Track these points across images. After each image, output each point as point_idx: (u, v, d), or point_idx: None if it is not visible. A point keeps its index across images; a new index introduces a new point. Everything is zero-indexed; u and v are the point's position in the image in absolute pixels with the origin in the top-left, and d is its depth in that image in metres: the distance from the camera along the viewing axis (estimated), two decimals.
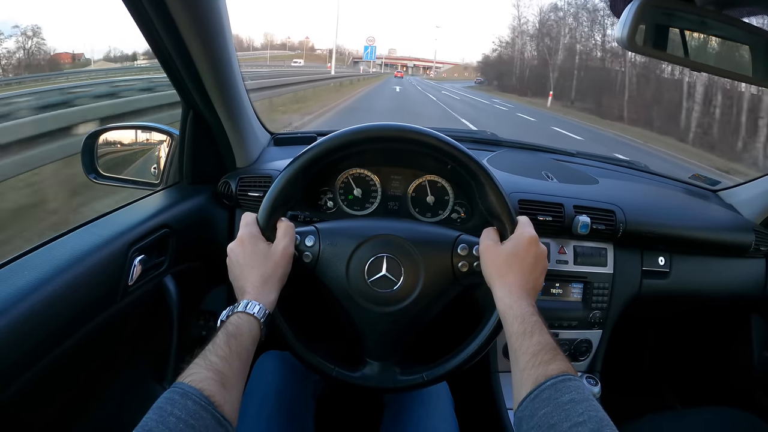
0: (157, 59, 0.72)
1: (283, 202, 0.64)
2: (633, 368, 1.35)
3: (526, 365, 0.49)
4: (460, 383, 0.84)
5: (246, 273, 0.59)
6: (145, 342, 0.80)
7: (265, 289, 0.58)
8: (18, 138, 3.45)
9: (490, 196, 0.64)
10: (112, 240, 0.71)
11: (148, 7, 0.60)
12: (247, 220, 0.64)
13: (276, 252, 0.61)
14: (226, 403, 0.45)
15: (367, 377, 0.66)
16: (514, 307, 0.56)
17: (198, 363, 0.48)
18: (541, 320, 0.54)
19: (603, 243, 0.98)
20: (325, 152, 0.65)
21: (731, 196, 1.19)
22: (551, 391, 0.45)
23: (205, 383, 0.45)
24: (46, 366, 0.58)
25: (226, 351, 0.49)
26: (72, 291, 0.62)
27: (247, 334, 0.53)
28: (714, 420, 1.00)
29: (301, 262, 0.64)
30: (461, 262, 0.64)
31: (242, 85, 0.85)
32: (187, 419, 0.42)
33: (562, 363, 0.49)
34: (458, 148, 0.64)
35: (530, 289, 0.59)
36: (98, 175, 0.93)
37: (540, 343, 0.51)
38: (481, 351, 0.64)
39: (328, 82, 18.26)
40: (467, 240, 0.66)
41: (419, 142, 0.65)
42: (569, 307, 0.96)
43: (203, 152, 0.91)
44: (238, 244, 0.61)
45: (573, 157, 1.27)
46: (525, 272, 0.59)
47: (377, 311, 0.64)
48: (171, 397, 0.43)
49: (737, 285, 1.08)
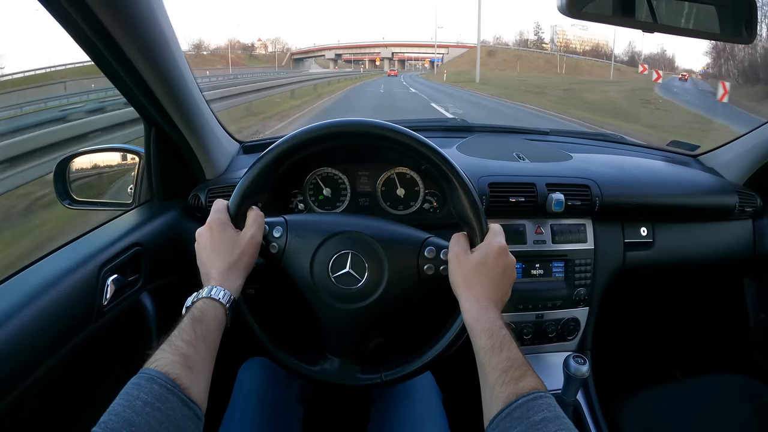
0: (108, 78, 0.72)
1: (254, 192, 0.64)
2: (630, 343, 1.34)
3: (496, 382, 0.48)
4: (447, 374, 0.84)
5: (212, 259, 0.59)
6: (126, 360, 0.81)
7: (231, 275, 0.58)
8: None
9: (462, 201, 0.63)
10: (83, 262, 0.72)
11: (84, 26, 0.60)
12: (217, 206, 0.64)
13: (243, 240, 0.61)
14: (192, 386, 0.46)
15: (327, 373, 0.66)
16: (481, 320, 0.54)
17: (164, 348, 0.48)
18: (509, 334, 0.53)
19: (581, 219, 0.97)
20: (300, 144, 0.65)
21: (712, 160, 1.17)
22: (523, 410, 0.45)
23: (171, 367, 0.45)
24: (22, 393, 0.59)
25: (191, 335, 0.49)
26: (45, 316, 0.63)
27: (212, 318, 0.53)
28: (714, 386, 1.00)
29: (269, 253, 0.65)
30: (427, 265, 0.64)
31: (200, 96, 0.85)
32: (154, 402, 0.42)
33: (532, 380, 0.48)
34: (432, 149, 0.63)
35: (498, 301, 0.58)
36: (72, 201, 0.94)
37: (509, 359, 0.50)
38: (442, 356, 0.64)
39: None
40: (435, 243, 0.65)
41: (395, 141, 0.64)
42: (552, 287, 0.95)
43: (171, 168, 0.92)
44: (206, 229, 0.62)
45: (546, 135, 1.26)
46: (493, 283, 0.58)
47: (340, 308, 0.64)
48: (137, 383, 0.44)
49: (725, 248, 1.07)
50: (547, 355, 0.98)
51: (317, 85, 18.62)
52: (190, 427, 0.44)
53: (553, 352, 0.98)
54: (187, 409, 0.44)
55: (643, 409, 0.94)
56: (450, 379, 0.86)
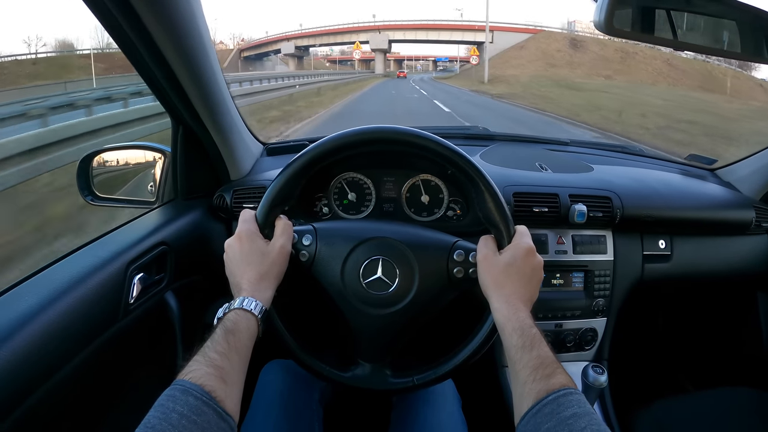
0: (141, 77, 0.72)
1: (281, 201, 0.65)
2: (643, 354, 1.34)
3: (527, 379, 0.49)
4: (467, 380, 0.84)
5: (243, 269, 0.59)
6: (151, 358, 0.81)
7: (262, 286, 0.58)
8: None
9: (488, 204, 0.64)
10: (111, 260, 0.72)
11: (124, 25, 0.60)
12: (245, 216, 0.64)
13: (273, 250, 0.61)
14: (227, 398, 0.46)
15: (358, 378, 0.66)
16: (512, 319, 0.55)
17: (197, 360, 0.48)
18: (539, 333, 0.54)
19: (601, 230, 0.97)
20: (329, 151, 0.65)
21: (729, 174, 1.18)
22: (553, 406, 0.45)
23: (206, 379, 0.45)
24: (50, 389, 0.59)
25: (225, 347, 0.49)
26: (73, 313, 0.63)
27: (244, 330, 0.53)
28: (725, 400, 1.00)
29: (298, 261, 0.65)
30: (457, 268, 0.64)
31: (229, 98, 0.86)
32: (190, 415, 0.42)
33: (562, 377, 0.49)
34: (459, 154, 0.64)
35: (527, 300, 0.59)
36: (95, 197, 0.94)
37: (540, 357, 0.51)
38: (474, 356, 0.64)
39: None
40: (464, 246, 0.65)
41: (422, 147, 0.65)
42: (571, 297, 0.96)
43: (196, 167, 0.92)
44: (235, 241, 0.61)
45: (567, 146, 1.27)
46: (523, 283, 0.59)
47: (371, 313, 0.64)
48: (172, 394, 0.44)
49: (741, 263, 1.07)
50: (564, 364, 0.98)
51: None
52: None
53: (570, 362, 0.98)
54: (222, 422, 0.44)
55: (658, 420, 0.94)
56: (470, 385, 0.86)
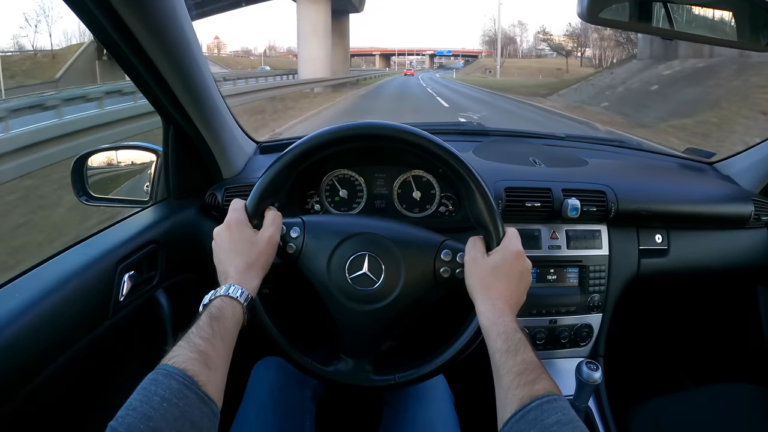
0: (128, 76, 0.73)
1: (272, 192, 0.65)
2: (640, 350, 1.33)
3: (511, 384, 0.49)
4: (460, 377, 0.84)
5: (231, 257, 0.60)
6: (142, 355, 0.82)
7: (249, 275, 0.59)
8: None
9: (478, 204, 0.63)
10: (100, 258, 0.72)
11: (106, 25, 0.60)
12: (235, 206, 0.64)
13: (262, 239, 0.61)
14: (209, 383, 0.46)
15: (340, 373, 0.66)
16: (497, 323, 0.54)
17: (181, 345, 0.48)
18: (524, 337, 0.53)
19: (596, 225, 0.96)
20: (319, 145, 0.65)
21: (728, 167, 1.16)
22: (537, 412, 0.45)
23: (189, 363, 0.46)
24: (39, 385, 0.59)
25: (209, 332, 0.50)
26: (63, 310, 0.64)
27: (230, 316, 0.53)
28: (723, 396, 0.99)
29: (285, 253, 0.65)
30: (443, 268, 0.64)
31: (219, 96, 0.86)
32: (171, 398, 0.42)
33: (547, 383, 0.48)
34: (450, 152, 0.63)
35: (513, 304, 0.58)
36: (89, 197, 0.95)
37: (524, 362, 0.50)
38: (457, 358, 0.64)
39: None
40: (452, 246, 0.65)
41: (413, 144, 0.64)
42: (566, 293, 0.95)
43: (188, 166, 0.92)
44: (224, 229, 0.62)
45: (562, 140, 1.25)
46: (510, 286, 0.58)
47: (356, 308, 0.64)
48: (155, 378, 0.44)
49: (740, 257, 1.06)
50: (559, 360, 0.97)
51: None
52: (207, 424, 0.44)
53: (565, 358, 0.97)
54: (204, 406, 0.45)
55: (655, 416, 0.93)
56: (462, 382, 0.85)
